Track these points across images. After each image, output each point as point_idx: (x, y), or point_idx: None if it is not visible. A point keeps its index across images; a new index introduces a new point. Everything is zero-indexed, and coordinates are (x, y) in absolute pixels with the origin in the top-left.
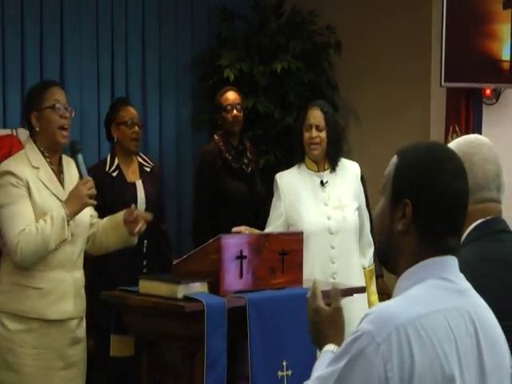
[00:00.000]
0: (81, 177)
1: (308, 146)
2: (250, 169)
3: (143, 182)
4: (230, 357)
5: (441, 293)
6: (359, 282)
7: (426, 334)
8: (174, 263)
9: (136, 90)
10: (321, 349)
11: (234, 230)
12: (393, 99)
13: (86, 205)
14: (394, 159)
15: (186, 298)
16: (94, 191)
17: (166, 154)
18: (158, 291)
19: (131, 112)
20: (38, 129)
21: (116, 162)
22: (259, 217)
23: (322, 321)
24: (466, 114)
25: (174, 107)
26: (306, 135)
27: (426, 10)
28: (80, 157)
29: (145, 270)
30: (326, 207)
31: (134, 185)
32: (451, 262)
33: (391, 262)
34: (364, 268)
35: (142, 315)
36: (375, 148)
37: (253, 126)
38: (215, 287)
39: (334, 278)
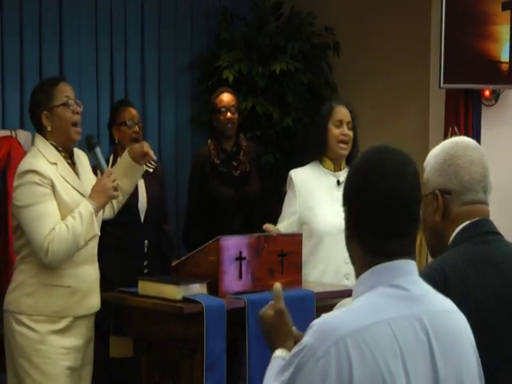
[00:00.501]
0: (101, 170)
1: (337, 143)
2: (238, 172)
3: (145, 183)
4: (229, 358)
5: (389, 301)
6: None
7: (367, 347)
8: (173, 264)
9: (135, 91)
10: (272, 353)
11: (264, 227)
12: (392, 100)
13: (111, 197)
14: None
15: (185, 300)
16: (117, 183)
17: (164, 155)
18: (157, 292)
19: (131, 112)
20: (49, 128)
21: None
22: (253, 216)
23: (267, 326)
24: (465, 115)
25: (173, 108)
26: (337, 132)
27: (425, 11)
28: (98, 150)
29: (145, 271)
30: (341, 207)
31: (135, 185)
32: (405, 267)
33: (353, 265)
34: None
35: (141, 316)
36: None
37: (252, 127)
38: (214, 288)
39: (347, 279)
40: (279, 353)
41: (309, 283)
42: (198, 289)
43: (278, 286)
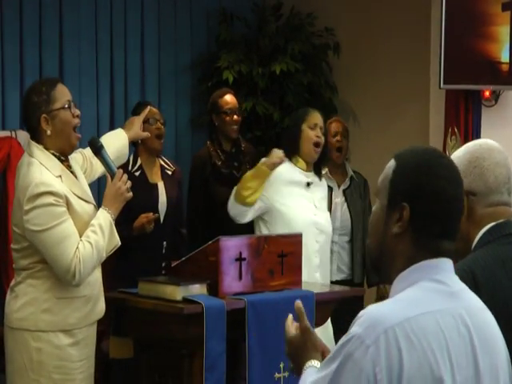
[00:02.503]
0: (111, 172)
1: (312, 144)
2: (240, 173)
3: (165, 185)
4: (228, 358)
5: (432, 295)
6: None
7: (416, 336)
8: (173, 265)
9: (135, 92)
10: (301, 373)
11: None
12: (392, 101)
13: (126, 200)
14: (392, 163)
15: (185, 300)
16: (129, 183)
17: (164, 155)
18: (157, 293)
19: (152, 110)
20: (49, 132)
21: (139, 162)
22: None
23: (295, 348)
24: (465, 115)
25: (173, 109)
26: (312, 133)
27: (425, 11)
28: (105, 152)
29: (163, 272)
30: (310, 204)
31: (156, 186)
32: (445, 265)
33: (384, 266)
34: None
35: (141, 317)
36: (374, 150)
37: (252, 127)
38: (214, 289)
39: (316, 272)
40: (310, 363)
41: (309, 284)
42: (197, 289)
43: (299, 304)
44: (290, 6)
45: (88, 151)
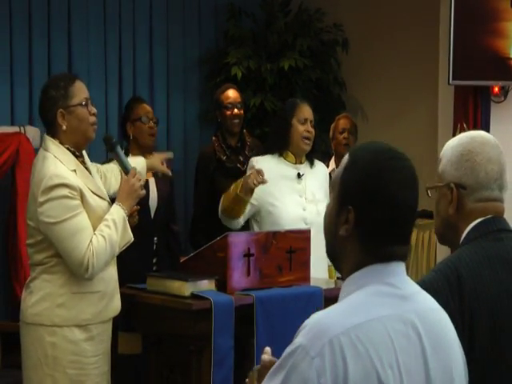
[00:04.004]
0: (126, 170)
1: (302, 139)
2: (245, 167)
3: (156, 181)
4: (237, 354)
5: (381, 299)
6: (325, 275)
7: (362, 344)
8: (182, 261)
9: (144, 89)
10: None
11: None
12: (400, 97)
13: (139, 197)
14: (345, 158)
15: (194, 296)
16: (143, 180)
17: (173, 151)
18: (165, 289)
19: (145, 108)
20: (64, 127)
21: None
22: None
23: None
24: (473, 111)
25: (181, 105)
26: (302, 128)
27: (434, 8)
28: (119, 149)
29: (154, 268)
30: (301, 199)
31: (146, 182)
32: (397, 268)
33: (337, 264)
34: (329, 265)
35: (149, 313)
36: None
37: (260, 123)
38: (223, 285)
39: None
40: None
41: (317, 280)
42: (206, 285)
43: (267, 349)
44: (298, 1)
45: (103, 166)
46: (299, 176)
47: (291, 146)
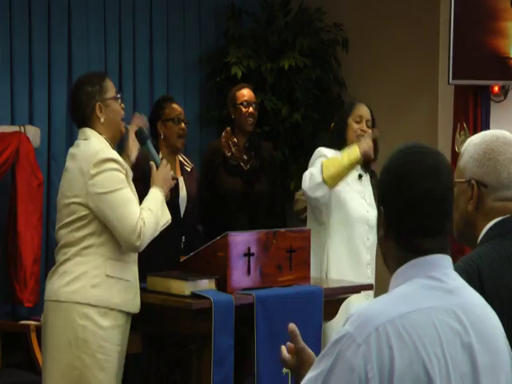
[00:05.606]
0: (156, 162)
1: (356, 137)
2: (248, 166)
3: (184, 180)
4: (237, 354)
5: (427, 292)
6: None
7: (407, 333)
8: (182, 260)
9: (144, 88)
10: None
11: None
12: (400, 96)
13: (171, 186)
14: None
15: (194, 295)
16: (172, 172)
17: None
18: (165, 288)
19: (177, 109)
20: (102, 119)
21: (160, 156)
22: (257, 214)
23: (292, 368)
24: (473, 111)
25: (181, 104)
26: (356, 126)
27: (434, 7)
28: (150, 143)
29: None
30: (362, 200)
31: (176, 181)
32: (442, 261)
33: (385, 262)
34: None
35: (149, 312)
36: (382, 145)
37: (260, 122)
38: (223, 284)
39: (367, 269)
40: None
41: (316, 279)
42: (206, 284)
43: (292, 326)
44: (298, 1)
45: None
46: (360, 177)
47: (348, 144)
